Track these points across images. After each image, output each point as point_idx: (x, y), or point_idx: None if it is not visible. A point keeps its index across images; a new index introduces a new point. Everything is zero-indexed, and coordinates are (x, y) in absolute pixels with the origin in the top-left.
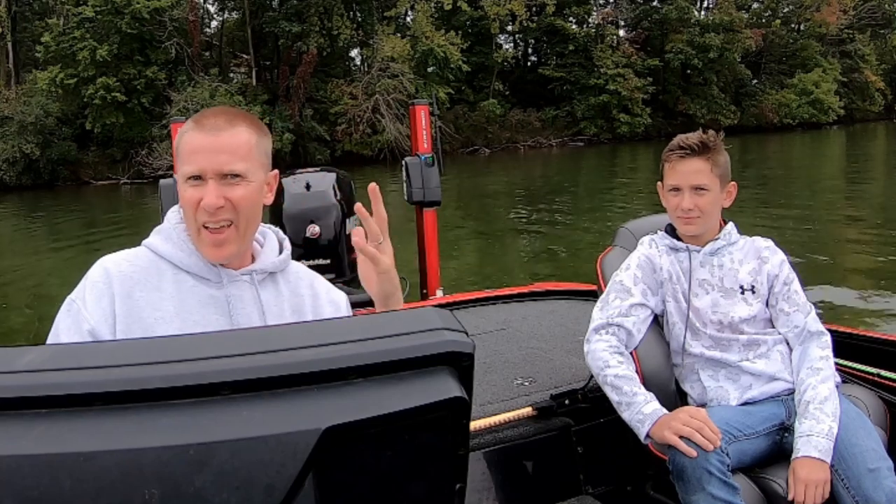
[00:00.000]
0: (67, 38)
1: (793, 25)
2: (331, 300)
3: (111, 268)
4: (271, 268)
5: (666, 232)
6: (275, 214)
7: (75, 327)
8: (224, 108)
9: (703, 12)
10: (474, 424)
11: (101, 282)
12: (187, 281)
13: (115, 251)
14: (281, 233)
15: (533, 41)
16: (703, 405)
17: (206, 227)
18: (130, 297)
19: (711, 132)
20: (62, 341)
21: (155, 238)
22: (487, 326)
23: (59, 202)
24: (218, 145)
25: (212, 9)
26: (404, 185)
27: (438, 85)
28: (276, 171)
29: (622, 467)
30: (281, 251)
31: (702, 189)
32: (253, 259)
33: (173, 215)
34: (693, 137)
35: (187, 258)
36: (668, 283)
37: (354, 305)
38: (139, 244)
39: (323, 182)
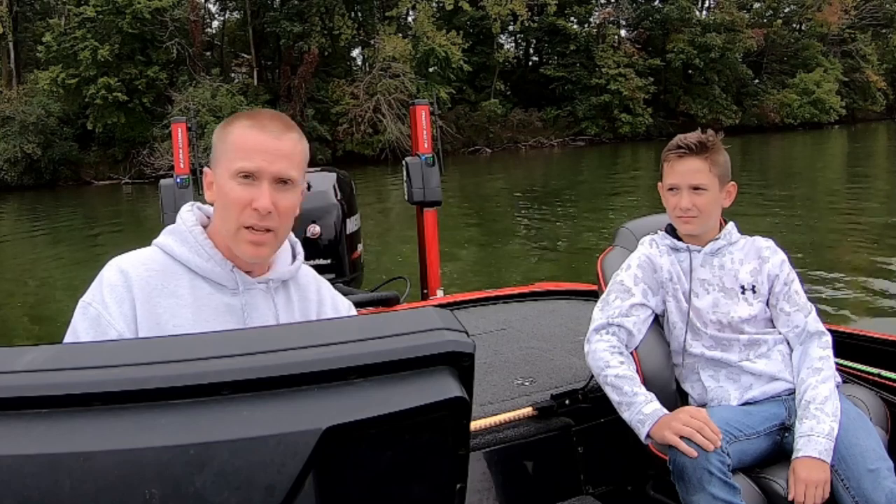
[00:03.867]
0: (69, 38)
1: (794, 25)
2: (334, 306)
3: (129, 270)
4: (286, 275)
5: (666, 232)
6: None
7: (98, 332)
8: (277, 113)
9: (704, 12)
10: (474, 424)
11: (120, 285)
12: (204, 287)
13: (119, 251)
14: (293, 237)
15: (534, 41)
16: (703, 405)
17: (249, 228)
18: (150, 303)
19: (710, 132)
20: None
21: (168, 239)
22: (487, 326)
23: (60, 202)
24: (280, 149)
25: (213, 9)
26: (405, 184)
27: (440, 85)
28: (305, 186)
29: (622, 467)
30: (294, 257)
31: (700, 188)
32: (268, 266)
33: (188, 215)
34: (691, 137)
35: (205, 263)
36: (668, 283)
37: (354, 305)
38: (144, 244)
39: (323, 182)
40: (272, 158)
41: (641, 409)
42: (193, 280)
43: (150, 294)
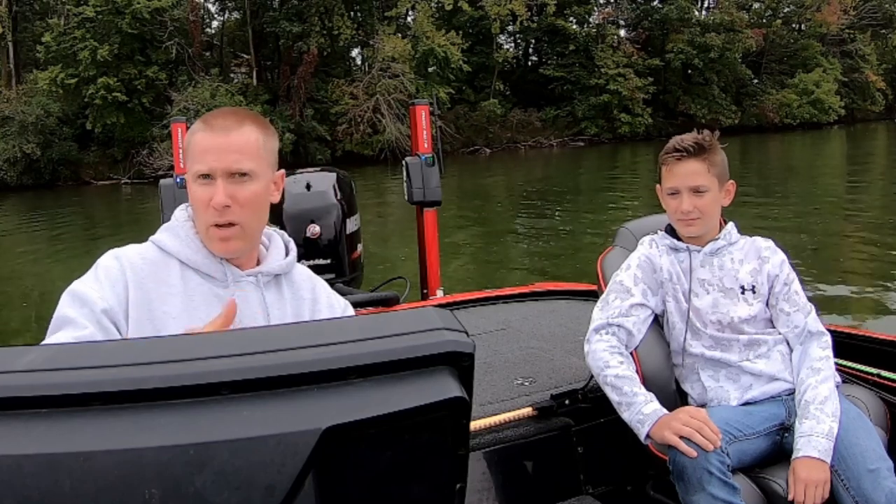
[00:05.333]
0: (68, 38)
1: (793, 25)
2: (329, 305)
3: (122, 257)
4: (277, 270)
5: (666, 232)
6: (275, 214)
7: (82, 306)
8: (232, 109)
9: (703, 12)
10: (474, 424)
11: (114, 268)
12: (194, 278)
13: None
14: (286, 235)
15: (533, 41)
16: (703, 405)
17: (215, 226)
18: (142, 288)
19: (707, 132)
20: (68, 317)
21: (162, 234)
22: (487, 326)
23: (59, 202)
24: (227, 145)
25: (212, 9)
26: (404, 185)
27: (439, 85)
28: (283, 171)
29: (622, 467)
30: (287, 254)
31: (700, 190)
32: (258, 261)
33: (181, 213)
34: (688, 139)
35: (194, 255)
36: (668, 283)
37: (354, 305)
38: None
39: (323, 182)
40: (220, 155)
41: (641, 409)
42: (184, 271)
43: (144, 279)
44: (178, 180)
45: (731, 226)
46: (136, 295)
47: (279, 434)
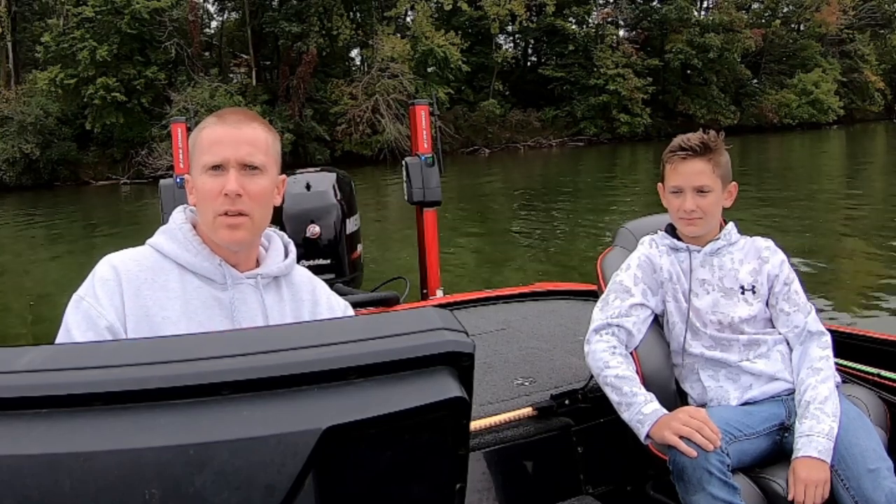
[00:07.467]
0: (67, 39)
1: (793, 25)
2: (329, 307)
3: (119, 265)
4: (276, 272)
5: (666, 232)
6: (275, 214)
7: (89, 324)
8: (242, 109)
9: (702, 12)
10: (474, 424)
11: (111, 279)
12: (192, 281)
13: (116, 251)
14: (286, 237)
15: (533, 41)
16: (703, 405)
17: (224, 214)
18: (138, 296)
19: (712, 132)
20: (75, 339)
21: (160, 238)
22: (487, 326)
23: (58, 202)
24: (240, 137)
25: (211, 9)
26: (404, 185)
27: (438, 85)
28: (285, 176)
29: (622, 467)
30: (286, 255)
31: (704, 190)
32: (258, 263)
33: (178, 215)
34: (694, 138)
35: (193, 258)
36: (668, 283)
37: (354, 305)
38: (141, 244)
39: (323, 182)
40: (235, 146)
41: (641, 410)
42: (183, 275)
43: (140, 287)
44: (177, 180)
45: (731, 226)
46: (132, 304)
47: (279, 434)
